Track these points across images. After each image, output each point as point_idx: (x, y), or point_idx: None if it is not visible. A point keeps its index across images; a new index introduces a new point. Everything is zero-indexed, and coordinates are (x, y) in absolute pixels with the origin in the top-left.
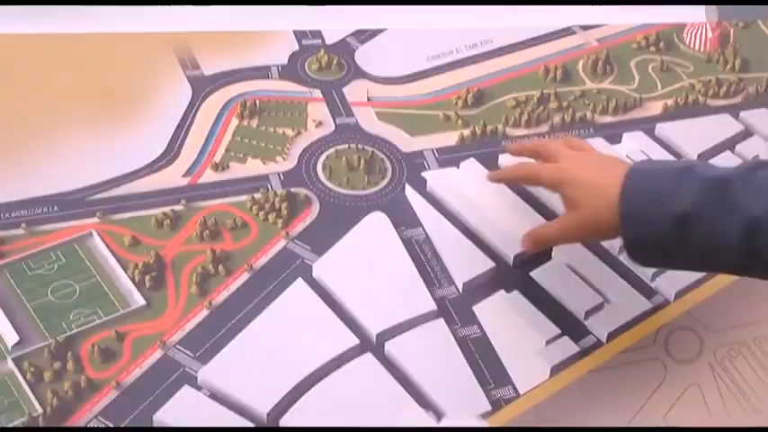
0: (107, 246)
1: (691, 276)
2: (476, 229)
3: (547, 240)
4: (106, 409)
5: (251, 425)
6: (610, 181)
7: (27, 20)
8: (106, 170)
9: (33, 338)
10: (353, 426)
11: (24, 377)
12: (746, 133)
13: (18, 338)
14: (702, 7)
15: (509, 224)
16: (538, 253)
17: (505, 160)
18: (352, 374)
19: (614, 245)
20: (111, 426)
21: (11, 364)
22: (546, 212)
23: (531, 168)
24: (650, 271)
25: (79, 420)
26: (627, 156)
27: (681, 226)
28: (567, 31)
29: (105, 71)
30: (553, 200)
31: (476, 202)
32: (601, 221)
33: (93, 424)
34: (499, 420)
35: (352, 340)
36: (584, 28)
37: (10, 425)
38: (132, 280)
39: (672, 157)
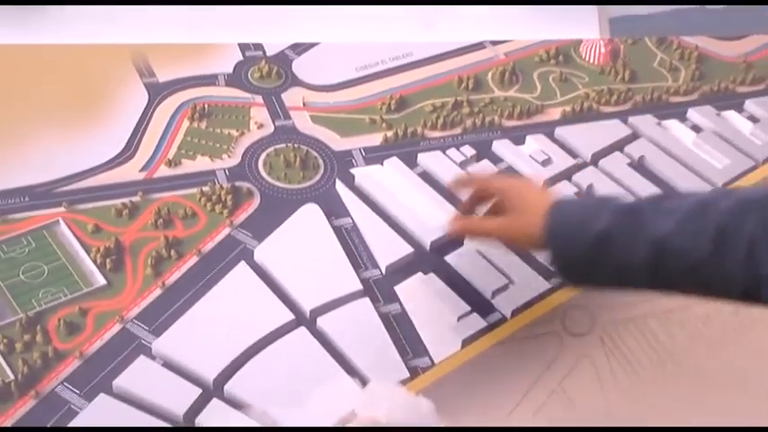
0: (72, 232)
1: None
2: (397, 218)
3: (477, 232)
4: (71, 376)
5: (199, 390)
6: (542, 205)
7: (5, 30)
8: (72, 165)
9: (6, 313)
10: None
11: None
12: (634, 136)
13: None
14: (596, 25)
15: (426, 214)
16: (453, 240)
17: (423, 158)
18: (288, 346)
19: None
20: (76, 392)
21: None
22: (459, 204)
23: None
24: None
25: (47, 386)
26: (530, 156)
27: (598, 245)
28: (479, 46)
29: (72, 78)
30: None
31: (397, 195)
32: (531, 234)
33: (59, 390)
34: (417, 386)
35: (288, 316)
36: (494, 43)
37: None
38: (94, 262)
39: (569, 157)
